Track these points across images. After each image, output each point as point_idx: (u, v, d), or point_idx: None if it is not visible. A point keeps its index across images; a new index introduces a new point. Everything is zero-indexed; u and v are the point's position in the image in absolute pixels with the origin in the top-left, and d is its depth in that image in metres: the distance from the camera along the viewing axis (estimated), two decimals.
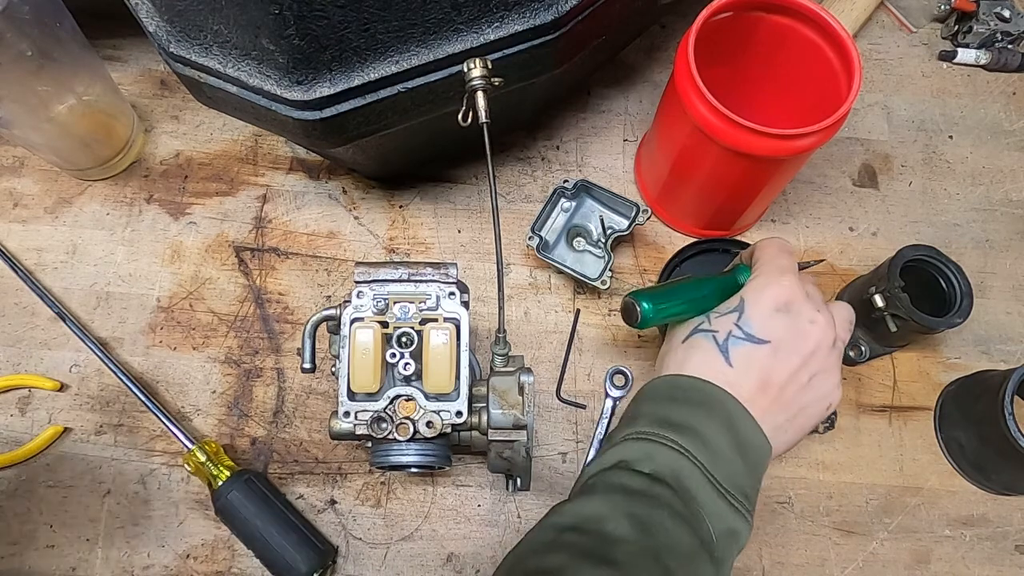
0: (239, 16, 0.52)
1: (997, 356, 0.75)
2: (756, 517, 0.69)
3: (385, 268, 0.56)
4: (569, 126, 0.83)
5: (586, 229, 0.76)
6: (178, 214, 0.77)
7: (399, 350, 0.54)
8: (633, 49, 0.86)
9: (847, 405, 0.73)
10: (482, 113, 0.52)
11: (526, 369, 0.57)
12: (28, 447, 0.67)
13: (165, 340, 0.73)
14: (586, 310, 0.75)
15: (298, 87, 0.55)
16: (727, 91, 0.64)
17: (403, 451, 0.55)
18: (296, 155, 0.80)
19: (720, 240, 0.77)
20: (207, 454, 0.65)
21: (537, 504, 0.69)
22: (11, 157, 0.78)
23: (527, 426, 0.55)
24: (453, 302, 0.55)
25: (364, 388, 0.54)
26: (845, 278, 0.77)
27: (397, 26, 0.54)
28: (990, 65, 0.86)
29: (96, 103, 0.72)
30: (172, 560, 0.66)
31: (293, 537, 0.62)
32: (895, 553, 0.69)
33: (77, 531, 0.66)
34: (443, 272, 0.56)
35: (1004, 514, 0.70)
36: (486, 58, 0.53)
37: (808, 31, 0.65)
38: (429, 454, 0.56)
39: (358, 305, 0.55)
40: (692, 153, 0.67)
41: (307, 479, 0.69)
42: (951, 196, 0.82)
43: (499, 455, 0.57)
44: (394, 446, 0.55)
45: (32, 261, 0.75)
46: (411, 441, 0.55)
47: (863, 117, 0.85)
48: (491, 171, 0.52)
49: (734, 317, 0.53)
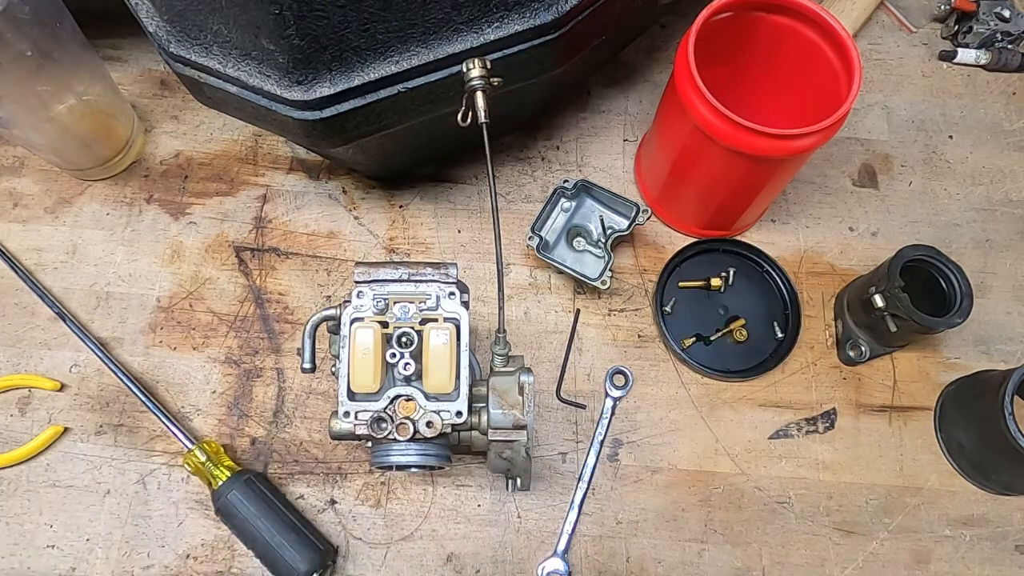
0: (239, 16, 0.52)
1: (997, 356, 0.75)
2: (756, 517, 0.69)
3: (385, 268, 0.56)
4: (569, 126, 0.83)
5: (586, 229, 0.76)
6: (178, 214, 0.77)
7: (399, 350, 0.54)
8: (633, 49, 0.86)
9: (847, 405, 0.73)
10: (481, 113, 0.52)
11: (526, 369, 0.57)
12: (28, 447, 0.67)
13: (165, 340, 0.73)
14: (586, 310, 0.75)
15: (298, 87, 0.55)
16: (727, 91, 0.64)
17: (403, 451, 0.55)
18: (296, 155, 0.80)
19: (720, 240, 0.77)
20: (207, 454, 0.65)
21: (537, 504, 0.69)
22: (11, 157, 0.78)
23: (527, 426, 0.55)
24: (453, 302, 0.55)
25: (364, 388, 0.54)
26: (845, 278, 0.77)
27: (397, 26, 0.54)
28: (990, 65, 0.86)
29: (96, 103, 0.72)
30: (172, 560, 0.66)
31: (293, 537, 0.62)
32: (895, 553, 0.69)
33: (77, 531, 0.67)
34: (443, 272, 0.56)
35: (1004, 514, 0.70)
36: (485, 58, 0.53)
37: (808, 31, 0.65)
38: (429, 454, 0.56)
39: (358, 305, 0.55)
40: (692, 153, 0.67)
41: (307, 479, 0.69)
42: (951, 196, 0.82)
43: (499, 455, 0.57)
44: (394, 446, 0.55)
45: (32, 261, 0.75)
46: (411, 441, 0.55)
47: (863, 117, 0.85)
48: (491, 171, 0.52)
49: None
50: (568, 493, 0.69)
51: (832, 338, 0.75)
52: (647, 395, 0.73)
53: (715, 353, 0.74)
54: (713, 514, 0.69)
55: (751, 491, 0.70)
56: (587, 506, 0.69)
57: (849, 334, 0.74)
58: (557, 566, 0.66)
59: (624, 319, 0.75)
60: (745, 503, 0.70)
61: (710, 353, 0.74)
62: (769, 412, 0.73)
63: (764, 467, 0.71)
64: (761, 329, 0.75)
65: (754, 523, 0.69)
